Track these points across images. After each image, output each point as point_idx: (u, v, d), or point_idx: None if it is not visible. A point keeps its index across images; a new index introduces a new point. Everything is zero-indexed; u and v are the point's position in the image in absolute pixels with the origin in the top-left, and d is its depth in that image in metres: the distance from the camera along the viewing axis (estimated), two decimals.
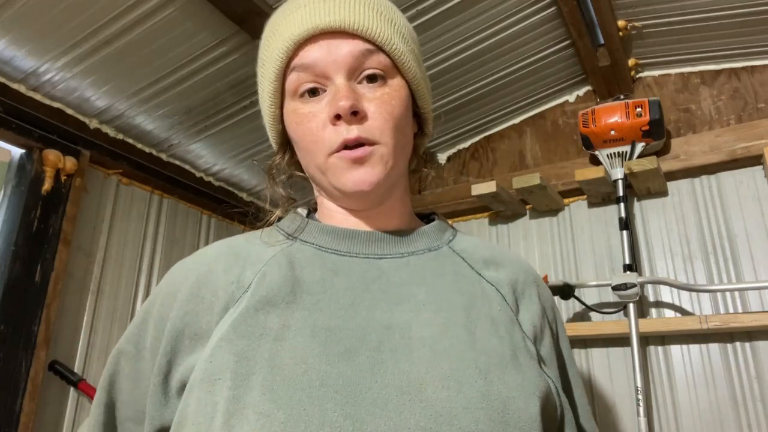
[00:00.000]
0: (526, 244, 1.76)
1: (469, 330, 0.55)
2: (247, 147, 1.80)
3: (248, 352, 0.51)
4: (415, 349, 0.52)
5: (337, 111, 0.55)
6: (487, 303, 0.59)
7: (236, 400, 0.48)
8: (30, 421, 1.28)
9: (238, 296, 0.56)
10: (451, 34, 1.48)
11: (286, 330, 0.53)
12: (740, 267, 1.45)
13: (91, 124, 1.55)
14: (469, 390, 0.50)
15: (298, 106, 0.59)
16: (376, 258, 0.60)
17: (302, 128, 0.58)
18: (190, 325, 0.56)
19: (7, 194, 1.40)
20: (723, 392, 1.38)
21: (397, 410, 0.48)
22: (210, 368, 0.51)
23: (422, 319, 0.55)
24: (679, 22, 1.49)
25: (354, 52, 0.57)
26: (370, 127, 0.57)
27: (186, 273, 0.60)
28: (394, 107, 0.58)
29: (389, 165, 0.58)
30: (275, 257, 0.59)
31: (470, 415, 0.49)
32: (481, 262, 0.64)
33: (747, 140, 1.48)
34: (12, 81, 1.37)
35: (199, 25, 1.32)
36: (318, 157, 0.58)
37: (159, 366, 0.56)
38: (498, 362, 0.53)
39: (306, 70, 0.58)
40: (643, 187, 1.58)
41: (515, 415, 0.50)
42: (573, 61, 1.67)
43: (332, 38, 0.57)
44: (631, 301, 1.42)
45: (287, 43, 0.58)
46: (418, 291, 0.58)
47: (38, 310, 1.34)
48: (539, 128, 1.87)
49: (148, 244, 1.71)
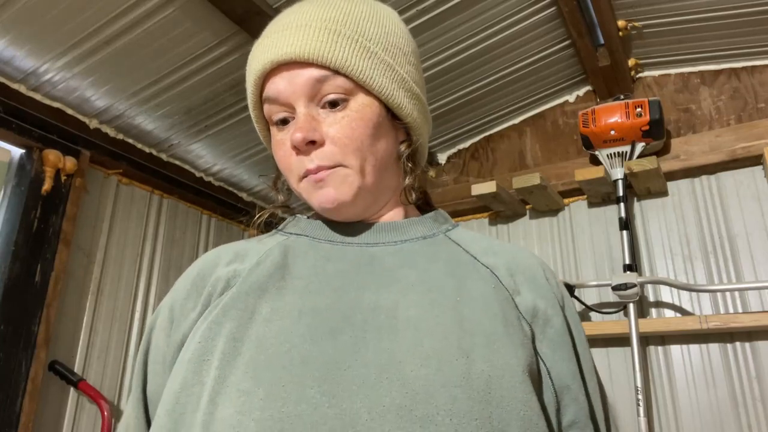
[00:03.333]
0: (526, 244, 1.76)
1: (457, 310, 0.55)
2: (247, 147, 1.80)
3: (237, 333, 0.53)
4: (401, 329, 0.53)
5: (293, 143, 0.58)
6: (480, 283, 0.59)
7: (222, 379, 0.51)
8: (30, 421, 1.28)
9: (233, 283, 0.59)
10: (451, 34, 1.48)
11: (275, 313, 0.55)
12: (740, 267, 1.45)
13: (91, 124, 1.55)
14: (448, 369, 0.50)
15: (274, 133, 0.62)
16: (369, 246, 0.62)
17: (277, 155, 0.62)
18: (187, 306, 0.60)
19: (7, 194, 1.40)
20: (723, 392, 1.38)
21: (374, 388, 0.49)
22: (199, 349, 0.53)
23: (409, 300, 0.56)
24: (679, 22, 1.49)
25: (309, 81, 0.59)
26: (330, 153, 0.59)
27: (191, 270, 0.64)
28: (354, 129, 0.59)
29: (355, 184, 0.59)
30: (271, 249, 0.62)
31: (448, 392, 0.49)
32: (477, 249, 0.64)
33: (747, 140, 1.48)
34: (12, 81, 1.37)
35: (199, 25, 1.32)
36: (292, 181, 0.62)
37: (174, 342, 0.59)
38: (486, 341, 0.53)
39: (273, 102, 0.60)
40: (643, 187, 1.58)
41: (498, 394, 0.50)
42: (573, 61, 1.67)
43: (292, 68, 0.59)
44: (631, 301, 1.42)
45: (255, 76, 0.61)
46: (408, 273, 0.59)
47: (38, 310, 1.34)
48: (539, 128, 1.87)
49: (148, 244, 1.71)
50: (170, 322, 0.61)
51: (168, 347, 0.59)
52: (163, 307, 0.64)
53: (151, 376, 0.61)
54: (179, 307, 0.61)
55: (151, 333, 0.63)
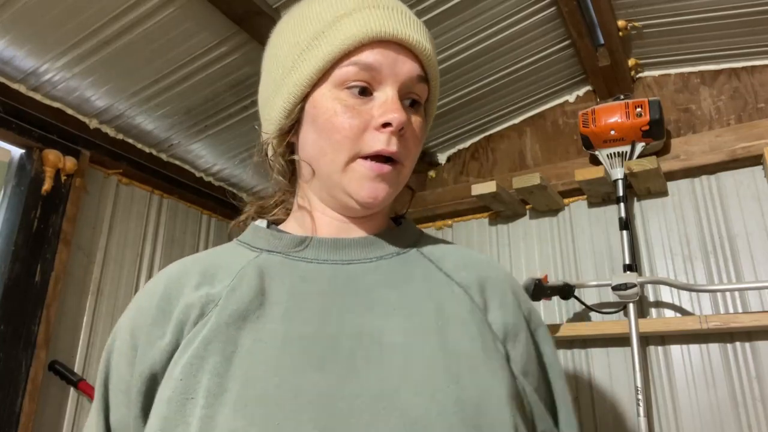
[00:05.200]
0: (526, 244, 1.76)
1: (441, 334, 0.55)
2: (247, 147, 1.80)
3: (220, 369, 0.50)
4: (387, 356, 0.52)
5: (392, 121, 0.56)
6: (457, 305, 0.59)
7: (209, 419, 0.48)
8: (30, 421, 1.28)
9: (208, 311, 0.55)
10: (451, 34, 1.48)
11: (258, 344, 0.52)
12: (740, 267, 1.45)
13: (91, 124, 1.55)
14: (442, 396, 0.50)
15: (342, 96, 0.58)
16: (344, 263, 0.60)
17: (340, 119, 0.57)
18: (153, 342, 0.55)
19: (7, 194, 1.40)
20: (723, 392, 1.38)
21: (372, 419, 0.48)
22: (181, 386, 0.50)
23: (393, 325, 0.55)
24: (679, 22, 1.49)
25: (413, 73, 0.59)
26: (404, 148, 0.58)
27: (155, 289, 0.59)
28: (419, 137, 0.61)
29: (400, 185, 0.61)
30: (244, 269, 0.58)
31: (444, 420, 0.49)
32: (449, 265, 0.64)
33: (747, 140, 1.48)
34: (12, 81, 1.37)
35: (199, 25, 1.32)
36: (341, 155, 0.57)
37: (139, 375, 0.55)
38: (470, 365, 0.53)
39: (367, 69, 0.57)
40: (643, 187, 1.58)
41: (488, 419, 0.50)
42: (573, 61, 1.67)
43: (397, 51, 0.58)
44: (631, 301, 1.42)
45: (360, 35, 0.57)
46: (388, 295, 0.58)
47: (38, 310, 1.34)
48: (539, 128, 1.87)
49: (148, 244, 1.71)
50: (133, 349, 0.56)
51: (132, 377, 0.55)
52: (122, 330, 0.59)
53: (114, 407, 0.57)
54: (144, 333, 0.56)
55: (110, 357, 0.59)
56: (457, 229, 1.90)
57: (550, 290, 1.46)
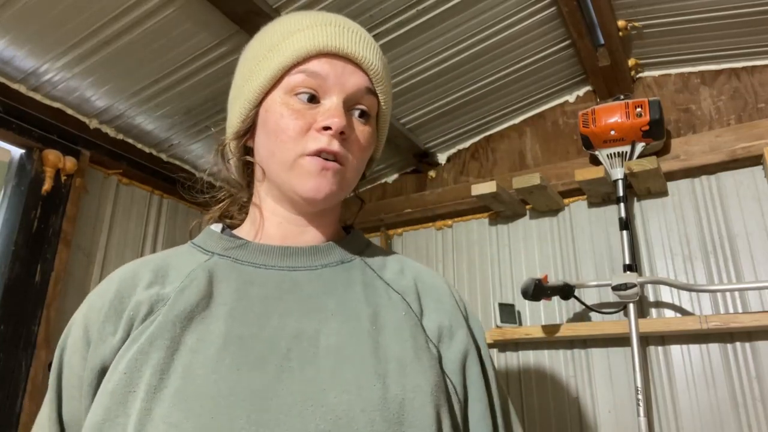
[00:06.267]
0: (526, 244, 1.76)
1: (373, 338, 0.58)
2: None
3: (163, 365, 0.53)
4: (322, 356, 0.56)
5: (332, 125, 0.60)
6: (392, 311, 0.62)
7: (148, 411, 0.51)
8: (30, 421, 1.28)
9: (157, 309, 0.58)
10: (451, 34, 1.48)
11: (201, 342, 0.55)
12: (740, 267, 1.45)
13: (91, 124, 1.55)
14: (367, 393, 0.54)
15: (291, 102, 0.63)
16: (290, 270, 0.64)
17: (286, 121, 0.62)
18: (104, 337, 0.58)
19: (7, 194, 1.40)
20: (723, 392, 1.38)
21: (300, 415, 0.51)
22: (124, 380, 0.53)
23: (330, 328, 0.58)
24: (679, 22, 1.49)
25: (359, 86, 0.64)
26: (347, 151, 0.63)
27: (108, 287, 0.62)
28: (364, 147, 0.65)
29: (344, 186, 0.64)
30: (194, 271, 0.62)
31: (367, 416, 0.52)
32: (389, 273, 0.68)
33: (747, 140, 1.48)
34: (12, 81, 1.37)
35: (199, 26, 1.32)
36: (289, 154, 0.62)
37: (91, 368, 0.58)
38: (397, 367, 0.57)
39: (315, 77, 0.62)
40: (643, 187, 1.58)
41: (410, 415, 0.54)
42: (573, 61, 1.67)
43: (345, 62, 0.63)
44: (631, 301, 1.42)
45: (308, 47, 0.63)
46: (328, 301, 0.61)
47: (38, 310, 1.34)
48: (539, 128, 1.87)
49: (148, 244, 1.71)
50: (86, 344, 0.59)
51: (85, 371, 0.58)
52: (75, 326, 0.62)
53: (66, 400, 0.60)
54: (96, 330, 0.59)
55: (63, 352, 0.62)
56: (457, 229, 1.90)
57: (550, 290, 1.46)
